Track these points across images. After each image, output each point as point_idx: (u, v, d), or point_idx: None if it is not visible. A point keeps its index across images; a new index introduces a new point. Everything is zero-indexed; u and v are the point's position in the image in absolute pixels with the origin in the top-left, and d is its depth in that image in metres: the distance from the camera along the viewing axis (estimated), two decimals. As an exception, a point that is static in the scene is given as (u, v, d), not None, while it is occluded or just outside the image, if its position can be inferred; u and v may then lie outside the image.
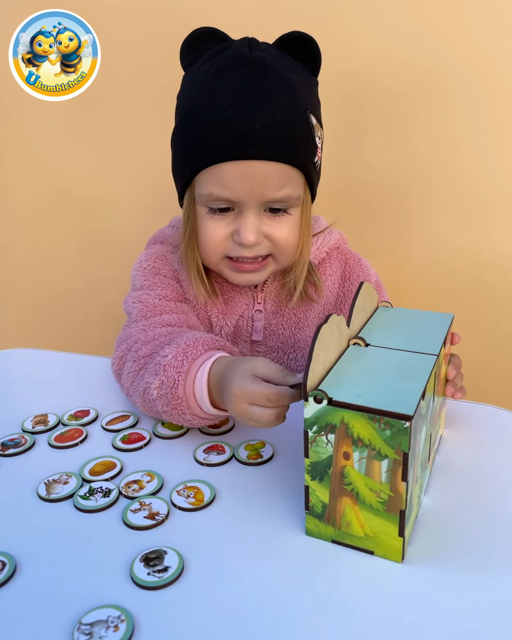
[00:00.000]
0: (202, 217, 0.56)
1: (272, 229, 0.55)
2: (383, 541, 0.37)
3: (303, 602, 0.35)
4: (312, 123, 0.54)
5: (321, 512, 0.39)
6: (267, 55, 0.53)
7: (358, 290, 0.46)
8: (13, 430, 0.54)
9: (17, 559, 0.38)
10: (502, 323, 0.85)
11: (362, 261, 0.66)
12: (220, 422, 0.54)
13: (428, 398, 0.39)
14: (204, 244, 0.57)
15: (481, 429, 0.52)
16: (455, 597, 0.35)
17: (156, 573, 0.36)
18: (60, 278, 1.02)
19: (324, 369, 0.39)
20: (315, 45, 0.56)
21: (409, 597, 0.35)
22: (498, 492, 0.44)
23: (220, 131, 0.51)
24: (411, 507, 0.38)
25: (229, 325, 0.63)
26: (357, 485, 0.37)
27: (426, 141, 0.80)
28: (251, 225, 0.54)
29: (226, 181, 0.52)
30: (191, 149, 0.54)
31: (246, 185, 0.52)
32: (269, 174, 0.52)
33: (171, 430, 0.53)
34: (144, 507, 0.42)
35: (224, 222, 0.55)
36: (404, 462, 0.34)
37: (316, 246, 0.64)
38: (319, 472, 0.38)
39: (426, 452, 0.42)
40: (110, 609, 0.34)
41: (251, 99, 0.51)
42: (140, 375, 0.51)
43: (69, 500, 0.44)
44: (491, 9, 0.71)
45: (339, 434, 0.36)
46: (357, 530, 0.38)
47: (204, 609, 0.34)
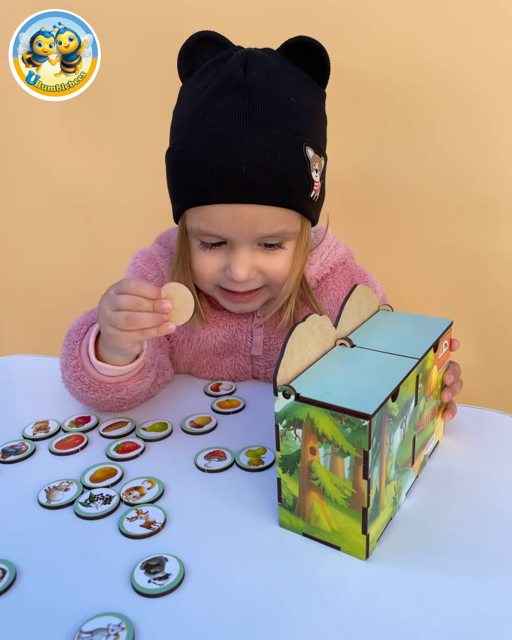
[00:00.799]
0: (195, 249, 0.55)
1: (266, 263, 0.54)
2: (348, 537, 0.38)
3: (308, 605, 0.35)
4: (307, 157, 0.50)
5: (292, 505, 0.40)
6: (263, 76, 0.49)
7: (350, 293, 0.46)
8: (14, 436, 0.54)
9: (18, 566, 0.38)
10: (505, 327, 0.85)
11: (368, 277, 0.64)
12: (203, 422, 0.55)
13: (405, 400, 0.40)
14: (196, 274, 0.56)
15: (481, 435, 0.52)
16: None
17: (157, 580, 0.36)
18: (61, 284, 1.02)
19: (301, 366, 0.40)
20: (324, 54, 0.53)
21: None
22: (486, 499, 0.44)
23: (205, 172, 0.48)
24: (379, 507, 0.39)
25: (220, 336, 0.62)
26: (323, 481, 0.38)
27: (426, 144, 0.79)
28: (243, 262, 0.52)
29: (214, 222, 0.51)
30: (178, 185, 0.53)
31: (235, 226, 0.50)
32: (259, 216, 0.50)
33: (154, 431, 0.53)
34: (140, 515, 0.42)
35: (216, 255, 0.54)
36: (364, 460, 0.35)
37: (320, 261, 0.61)
38: (289, 466, 0.39)
39: (405, 455, 0.42)
40: (110, 617, 0.34)
41: (239, 136, 0.48)
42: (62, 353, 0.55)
43: (70, 507, 0.44)
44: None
45: (305, 429, 0.37)
46: (324, 525, 0.39)
47: (205, 617, 0.34)
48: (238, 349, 0.63)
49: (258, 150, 0.48)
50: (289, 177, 0.49)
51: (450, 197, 0.81)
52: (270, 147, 0.48)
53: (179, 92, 0.57)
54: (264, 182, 0.48)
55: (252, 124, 0.48)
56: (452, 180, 0.80)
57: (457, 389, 0.50)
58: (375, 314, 0.51)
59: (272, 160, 0.48)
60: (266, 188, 0.48)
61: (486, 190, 0.79)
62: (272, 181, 0.49)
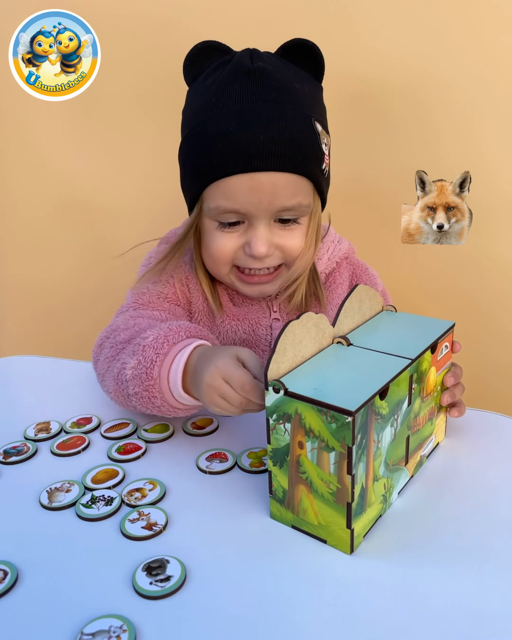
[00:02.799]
0: (212, 230, 0.56)
1: (283, 240, 0.55)
2: (334, 531, 0.39)
3: (309, 603, 0.35)
4: (317, 130, 0.53)
5: (282, 497, 0.41)
6: (269, 66, 0.53)
7: (350, 292, 0.46)
8: (15, 437, 0.54)
9: (19, 568, 0.38)
10: (505, 330, 0.84)
11: (369, 270, 0.67)
12: (204, 423, 0.54)
13: (396, 399, 0.41)
14: (213, 257, 0.57)
15: (482, 437, 0.52)
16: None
17: (158, 582, 0.37)
18: (63, 285, 1.01)
19: (295, 362, 0.41)
20: (317, 51, 0.56)
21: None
22: (480, 499, 0.44)
23: (225, 145, 0.51)
24: (365, 503, 0.39)
25: (240, 331, 0.63)
26: (310, 475, 0.39)
27: (426, 147, 0.79)
28: (262, 237, 0.54)
29: (234, 195, 0.52)
30: (197, 165, 0.54)
31: (255, 197, 0.52)
32: (278, 185, 0.52)
33: (156, 433, 0.53)
34: (142, 517, 0.42)
35: (234, 234, 0.55)
36: (348, 456, 0.36)
37: (327, 256, 0.64)
38: (279, 459, 0.40)
39: (397, 453, 0.43)
40: (112, 618, 0.34)
41: (255, 111, 0.51)
42: (116, 359, 0.52)
43: (71, 509, 0.44)
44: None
45: (294, 424, 0.38)
46: (312, 518, 0.40)
47: (207, 619, 0.34)
48: (258, 343, 0.65)
49: (273, 120, 0.51)
50: (302, 145, 0.52)
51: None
52: (284, 118, 0.51)
53: (186, 95, 0.58)
54: (281, 149, 0.51)
55: (265, 100, 0.51)
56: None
57: (458, 393, 0.50)
58: (377, 314, 0.51)
59: (287, 130, 0.51)
60: (283, 155, 0.51)
61: (481, 193, 0.79)
62: (288, 148, 0.51)
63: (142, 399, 0.49)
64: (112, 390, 0.52)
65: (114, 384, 0.51)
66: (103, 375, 0.53)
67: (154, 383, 0.48)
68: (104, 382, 0.53)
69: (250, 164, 0.51)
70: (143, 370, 0.48)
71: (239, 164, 0.51)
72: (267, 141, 0.50)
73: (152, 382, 0.48)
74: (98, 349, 0.55)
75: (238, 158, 0.50)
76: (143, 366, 0.48)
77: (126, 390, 0.50)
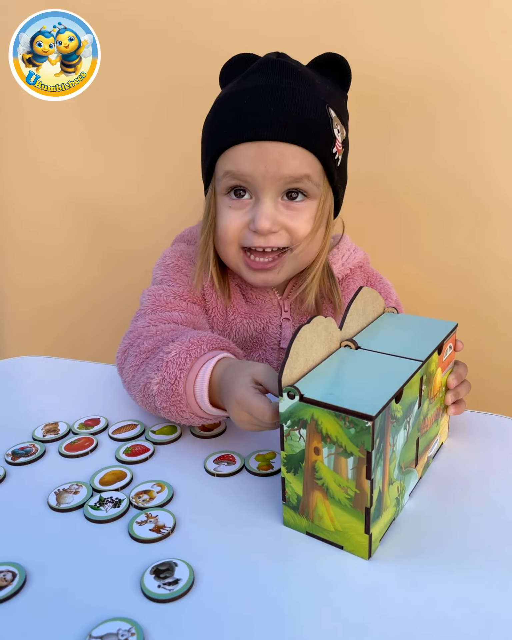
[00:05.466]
0: (222, 208, 0.57)
1: (288, 219, 0.56)
2: (351, 537, 0.39)
3: (315, 607, 0.35)
4: (330, 115, 0.55)
5: (296, 504, 0.41)
6: (293, 62, 0.56)
7: (355, 295, 0.46)
8: (24, 438, 0.54)
9: (27, 569, 0.38)
10: (506, 331, 0.83)
11: (384, 280, 0.67)
12: (212, 425, 0.54)
13: (409, 402, 0.40)
14: (220, 234, 0.58)
15: (484, 438, 0.51)
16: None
17: (167, 585, 0.36)
18: (70, 285, 1.02)
19: (306, 367, 0.40)
20: (345, 64, 0.58)
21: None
22: (488, 500, 0.44)
23: (236, 116, 0.53)
24: (382, 507, 0.39)
25: (252, 329, 0.64)
26: (327, 480, 0.38)
27: (427, 149, 0.78)
28: (267, 212, 0.54)
29: (241, 162, 0.54)
30: (211, 137, 0.57)
31: (260, 165, 0.53)
32: (284, 154, 0.53)
33: (164, 435, 0.53)
34: (150, 519, 0.42)
35: (241, 212, 0.56)
36: (367, 461, 0.36)
37: (341, 262, 0.65)
38: (293, 465, 0.39)
39: (408, 456, 0.42)
40: (120, 621, 0.34)
41: (270, 89, 0.53)
42: (141, 369, 0.52)
43: (80, 510, 0.44)
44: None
45: (309, 430, 0.37)
46: (328, 524, 0.39)
47: (215, 623, 0.34)
48: (268, 341, 0.65)
49: (286, 97, 0.53)
50: (312, 124, 0.54)
51: (450, 201, 0.80)
52: (297, 96, 0.53)
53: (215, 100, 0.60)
54: (290, 122, 0.53)
55: (282, 82, 0.54)
56: (455, 186, 0.79)
57: (462, 392, 0.49)
58: (380, 316, 0.51)
59: (298, 107, 0.53)
60: (291, 128, 0.53)
61: (484, 194, 0.78)
62: (297, 123, 0.53)
63: (171, 412, 0.49)
64: (140, 401, 0.53)
65: (140, 396, 0.52)
66: (129, 384, 0.54)
67: (181, 399, 0.48)
68: (131, 390, 0.54)
69: (257, 132, 0.52)
70: (168, 386, 0.48)
71: (247, 131, 0.53)
72: (276, 113, 0.52)
73: (178, 397, 0.48)
74: (122, 355, 0.56)
75: (247, 127, 0.53)
76: (168, 382, 0.48)
77: (154, 403, 0.50)
